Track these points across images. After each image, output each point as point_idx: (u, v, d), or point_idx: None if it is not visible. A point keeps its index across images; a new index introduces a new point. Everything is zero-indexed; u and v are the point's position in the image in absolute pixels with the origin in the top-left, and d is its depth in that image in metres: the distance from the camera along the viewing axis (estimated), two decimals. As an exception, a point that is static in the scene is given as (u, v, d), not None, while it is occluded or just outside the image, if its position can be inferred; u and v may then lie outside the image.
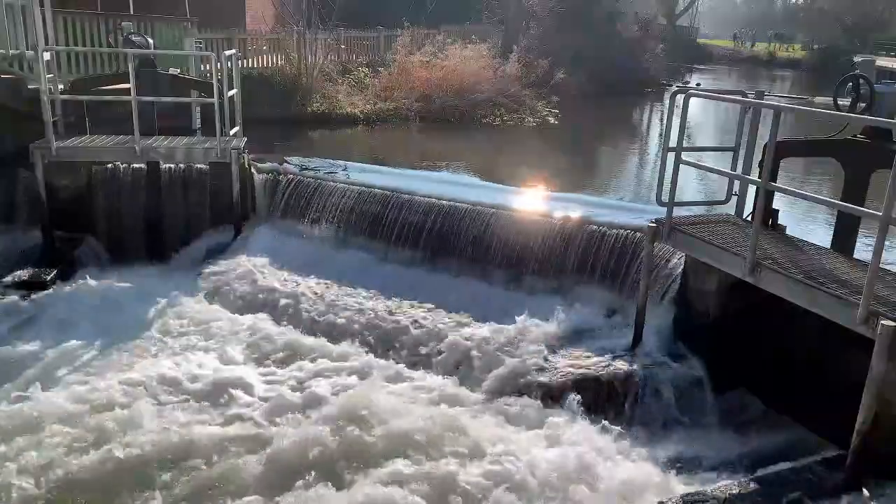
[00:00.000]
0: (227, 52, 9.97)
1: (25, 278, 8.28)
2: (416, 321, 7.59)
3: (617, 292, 7.62)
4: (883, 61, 26.39)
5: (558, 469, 5.39)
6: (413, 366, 7.06)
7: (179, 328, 7.61)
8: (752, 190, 6.36)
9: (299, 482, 5.25)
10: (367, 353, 7.21)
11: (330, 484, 5.21)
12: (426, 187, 9.45)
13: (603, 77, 25.74)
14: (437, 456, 5.54)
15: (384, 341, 7.43)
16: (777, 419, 6.06)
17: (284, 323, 7.80)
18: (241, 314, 7.93)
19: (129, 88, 8.89)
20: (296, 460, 5.47)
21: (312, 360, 7.09)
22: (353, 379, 6.71)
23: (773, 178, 6.11)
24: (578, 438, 5.80)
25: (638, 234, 7.53)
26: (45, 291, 8.15)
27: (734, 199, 6.92)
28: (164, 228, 9.52)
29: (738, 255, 5.80)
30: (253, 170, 9.95)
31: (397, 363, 7.07)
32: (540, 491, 5.19)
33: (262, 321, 7.79)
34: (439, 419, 5.94)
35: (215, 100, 9.11)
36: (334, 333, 7.58)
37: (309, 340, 7.44)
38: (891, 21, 48.30)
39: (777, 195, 6.48)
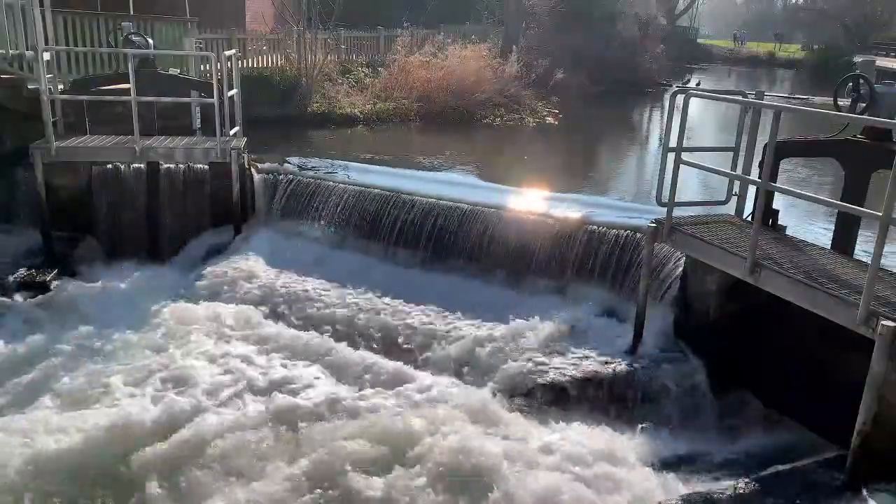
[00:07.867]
0: (227, 52, 9.97)
1: (25, 279, 8.28)
2: (415, 321, 7.59)
3: (617, 292, 7.63)
4: (883, 61, 26.39)
5: (558, 470, 5.40)
6: (414, 366, 7.05)
7: (179, 328, 7.58)
8: (752, 190, 6.36)
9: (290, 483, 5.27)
10: (367, 353, 7.20)
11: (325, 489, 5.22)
12: (426, 187, 9.47)
13: (603, 77, 25.70)
14: (437, 455, 5.53)
15: (385, 342, 7.43)
16: (777, 419, 6.06)
17: (284, 323, 7.80)
18: (241, 314, 7.91)
19: (128, 88, 8.89)
20: (291, 461, 5.48)
21: (312, 361, 7.08)
22: (354, 379, 6.71)
23: (773, 178, 6.11)
24: (579, 439, 5.80)
25: (638, 234, 7.54)
26: (45, 292, 8.15)
27: (734, 199, 6.92)
28: (163, 228, 9.53)
29: (737, 255, 5.81)
30: (253, 170, 9.95)
31: (398, 363, 7.05)
32: (539, 491, 5.18)
33: (262, 321, 7.79)
34: (439, 419, 5.94)
35: (215, 100, 9.11)
36: (334, 334, 7.58)
37: (308, 340, 7.43)
38: (890, 21, 48.24)
39: (777, 195, 6.49)
